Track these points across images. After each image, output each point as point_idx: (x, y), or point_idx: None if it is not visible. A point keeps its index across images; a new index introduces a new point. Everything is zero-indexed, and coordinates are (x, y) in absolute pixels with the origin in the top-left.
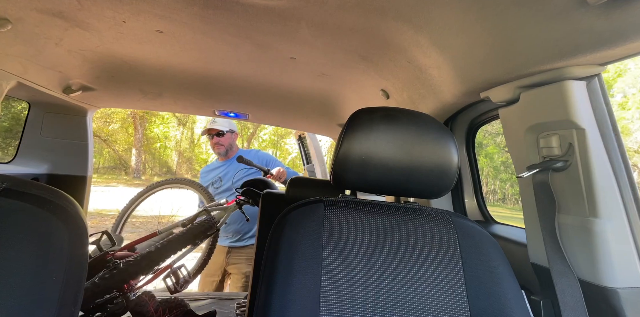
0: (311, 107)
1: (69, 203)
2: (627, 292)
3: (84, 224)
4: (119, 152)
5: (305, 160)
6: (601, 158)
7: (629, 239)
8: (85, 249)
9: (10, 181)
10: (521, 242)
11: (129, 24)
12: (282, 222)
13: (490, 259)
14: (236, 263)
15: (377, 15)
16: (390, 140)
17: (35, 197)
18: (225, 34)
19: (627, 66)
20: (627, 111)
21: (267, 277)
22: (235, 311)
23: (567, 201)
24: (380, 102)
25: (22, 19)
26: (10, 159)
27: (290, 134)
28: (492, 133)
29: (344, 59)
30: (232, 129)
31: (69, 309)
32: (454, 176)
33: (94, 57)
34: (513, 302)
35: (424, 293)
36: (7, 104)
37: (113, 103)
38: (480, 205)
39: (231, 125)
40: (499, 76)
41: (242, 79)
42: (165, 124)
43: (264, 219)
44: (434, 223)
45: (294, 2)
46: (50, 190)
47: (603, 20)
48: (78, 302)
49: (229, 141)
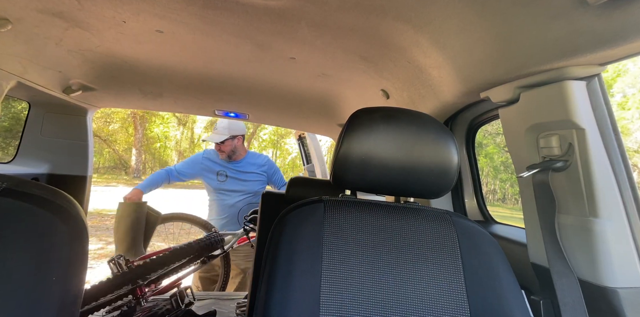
0: (311, 107)
1: (69, 203)
2: (627, 292)
3: (84, 224)
4: (119, 152)
5: (305, 160)
6: (601, 158)
7: (629, 239)
8: (85, 249)
9: (10, 180)
10: (521, 242)
11: (129, 24)
12: (282, 222)
13: (490, 259)
14: (234, 260)
15: (377, 15)
16: (390, 140)
17: (35, 197)
18: (225, 34)
19: (626, 66)
20: (627, 111)
21: (267, 277)
22: (235, 311)
23: (567, 201)
24: (380, 102)
25: (22, 19)
26: (10, 159)
27: (290, 134)
28: (492, 133)
29: (344, 59)
30: (232, 134)
31: (69, 309)
32: (454, 176)
33: (94, 57)
34: (513, 302)
35: (424, 293)
36: (7, 104)
37: (113, 103)
38: (480, 205)
39: (232, 131)
40: (499, 76)
41: (242, 79)
42: (165, 124)
43: (264, 219)
44: (434, 223)
45: (294, 2)
46: (50, 190)
47: (603, 20)
48: (78, 302)
49: (230, 148)
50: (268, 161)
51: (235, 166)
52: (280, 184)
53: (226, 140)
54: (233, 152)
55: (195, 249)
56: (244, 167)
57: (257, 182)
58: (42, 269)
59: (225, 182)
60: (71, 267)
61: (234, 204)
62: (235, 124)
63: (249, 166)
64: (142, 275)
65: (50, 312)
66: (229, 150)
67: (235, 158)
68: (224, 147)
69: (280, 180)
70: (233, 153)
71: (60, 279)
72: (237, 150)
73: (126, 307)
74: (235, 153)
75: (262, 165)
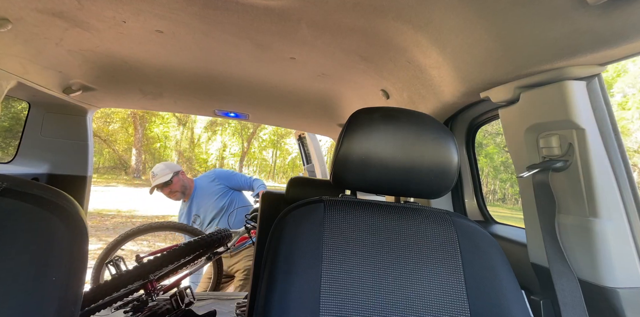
0: (311, 107)
1: (69, 203)
2: (627, 292)
3: (84, 224)
4: (119, 152)
5: (305, 160)
6: (601, 158)
7: (629, 239)
8: (85, 249)
9: (10, 180)
10: (521, 242)
11: (129, 24)
12: (282, 222)
13: (490, 259)
14: (236, 262)
15: (377, 15)
16: (390, 140)
17: (35, 197)
18: (226, 34)
19: (626, 66)
20: (627, 111)
21: (267, 277)
22: (236, 311)
23: (567, 201)
24: (380, 102)
25: (22, 19)
26: (10, 159)
27: (290, 134)
28: (492, 133)
29: (344, 59)
30: (175, 171)
31: (69, 309)
32: (454, 176)
33: (94, 57)
34: (513, 302)
35: (424, 293)
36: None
37: (113, 103)
38: (480, 205)
39: (172, 168)
40: (498, 76)
41: (242, 79)
42: (165, 124)
43: (264, 219)
44: (434, 223)
45: (294, 2)
46: (50, 190)
47: (603, 20)
48: (78, 302)
49: (180, 183)
50: (215, 172)
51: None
52: (247, 184)
53: (172, 178)
54: (184, 187)
55: (204, 244)
56: (201, 193)
57: (222, 196)
58: (42, 269)
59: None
60: (71, 267)
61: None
62: (167, 163)
63: (204, 188)
64: (153, 270)
65: (50, 312)
66: (179, 186)
67: (189, 192)
68: (174, 187)
69: (243, 181)
70: (185, 188)
71: (60, 279)
72: (186, 184)
73: (137, 302)
74: (186, 188)
75: (213, 179)
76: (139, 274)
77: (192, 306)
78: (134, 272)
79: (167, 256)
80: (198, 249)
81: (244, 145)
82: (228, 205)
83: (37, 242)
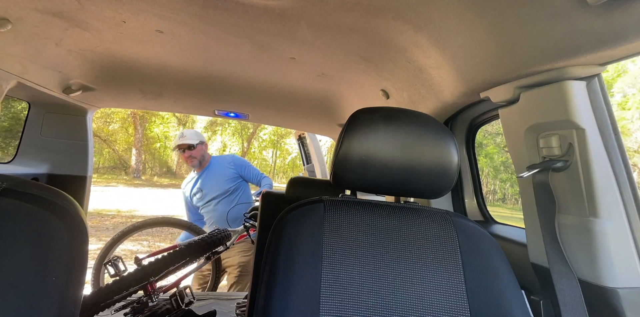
0: (311, 107)
1: (69, 203)
2: (627, 292)
3: (84, 224)
4: (119, 152)
5: (305, 160)
6: (601, 158)
7: (629, 239)
8: (85, 249)
9: (10, 180)
10: (521, 242)
11: (129, 24)
12: (282, 222)
13: (490, 259)
14: (230, 256)
15: (377, 15)
16: (390, 140)
17: (35, 197)
18: (225, 34)
19: (626, 66)
20: (627, 111)
21: (267, 277)
22: (235, 311)
23: (567, 201)
24: (380, 102)
25: (22, 19)
26: (10, 159)
27: (290, 134)
28: (492, 133)
29: (344, 59)
30: (201, 140)
31: (69, 309)
32: (454, 176)
33: (94, 57)
34: (513, 302)
35: (424, 293)
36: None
37: (113, 103)
38: (480, 205)
39: (200, 137)
40: (499, 76)
41: (242, 79)
42: (165, 124)
43: (264, 219)
44: (434, 223)
45: (294, 2)
46: (50, 190)
47: (603, 20)
48: (78, 302)
49: (201, 153)
50: (234, 157)
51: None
52: (256, 179)
53: (197, 144)
54: (203, 157)
55: (205, 245)
56: (213, 170)
57: (230, 179)
58: (42, 269)
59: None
60: (71, 267)
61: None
62: (197, 132)
63: (217, 166)
64: (155, 273)
65: (50, 312)
66: (199, 155)
67: (204, 165)
68: (195, 153)
69: (254, 175)
70: (203, 158)
71: (60, 279)
72: (206, 155)
73: (137, 304)
74: (204, 158)
75: (229, 162)
76: (141, 277)
77: (192, 306)
78: (135, 276)
79: (168, 258)
80: (199, 250)
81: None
82: (233, 190)
83: (37, 242)
